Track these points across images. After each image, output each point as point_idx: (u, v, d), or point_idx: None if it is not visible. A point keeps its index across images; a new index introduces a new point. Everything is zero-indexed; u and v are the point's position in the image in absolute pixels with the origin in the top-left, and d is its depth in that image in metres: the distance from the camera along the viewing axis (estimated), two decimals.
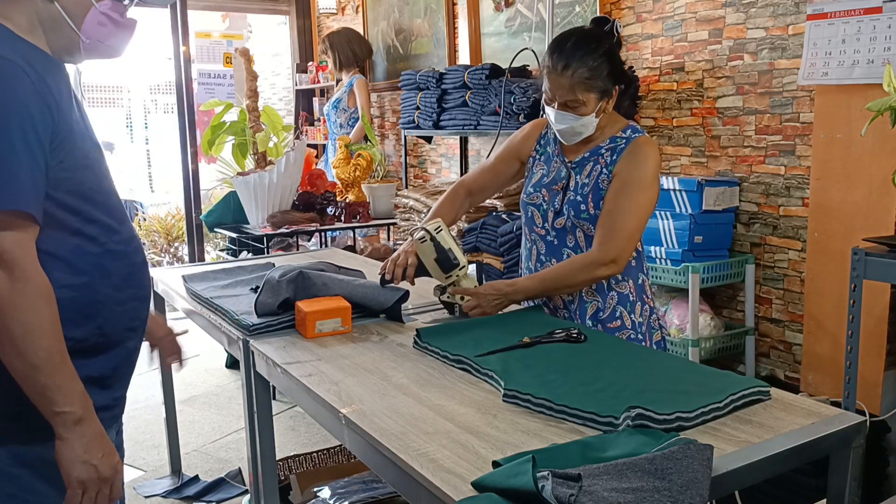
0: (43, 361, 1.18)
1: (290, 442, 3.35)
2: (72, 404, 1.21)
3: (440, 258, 1.84)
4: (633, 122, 1.92)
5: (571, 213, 1.88)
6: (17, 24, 1.27)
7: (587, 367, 1.46)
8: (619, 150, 1.86)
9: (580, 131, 1.86)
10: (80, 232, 1.30)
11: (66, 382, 1.21)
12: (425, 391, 1.43)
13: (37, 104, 1.21)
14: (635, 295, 1.90)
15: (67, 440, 1.22)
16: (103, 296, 1.33)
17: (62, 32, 1.30)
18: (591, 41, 1.81)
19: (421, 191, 3.95)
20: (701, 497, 0.98)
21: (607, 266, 1.82)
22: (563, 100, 1.82)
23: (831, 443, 1.23)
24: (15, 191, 1.16)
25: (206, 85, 5.89)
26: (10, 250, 1.16)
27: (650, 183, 1.84)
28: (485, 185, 2.11)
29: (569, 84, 1.79)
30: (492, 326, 1.74)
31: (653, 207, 1.88)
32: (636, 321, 1.89)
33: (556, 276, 1.86)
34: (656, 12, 3.31)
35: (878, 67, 2.46)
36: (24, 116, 1.18)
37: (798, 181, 2.82)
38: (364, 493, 2.42)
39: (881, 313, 2.48)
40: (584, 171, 1.90)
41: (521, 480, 0.99)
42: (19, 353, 1.17)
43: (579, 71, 1.78)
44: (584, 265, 1.83)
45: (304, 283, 1.91)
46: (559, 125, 1.86)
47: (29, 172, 1.18)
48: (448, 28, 4.66)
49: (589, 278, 1.84)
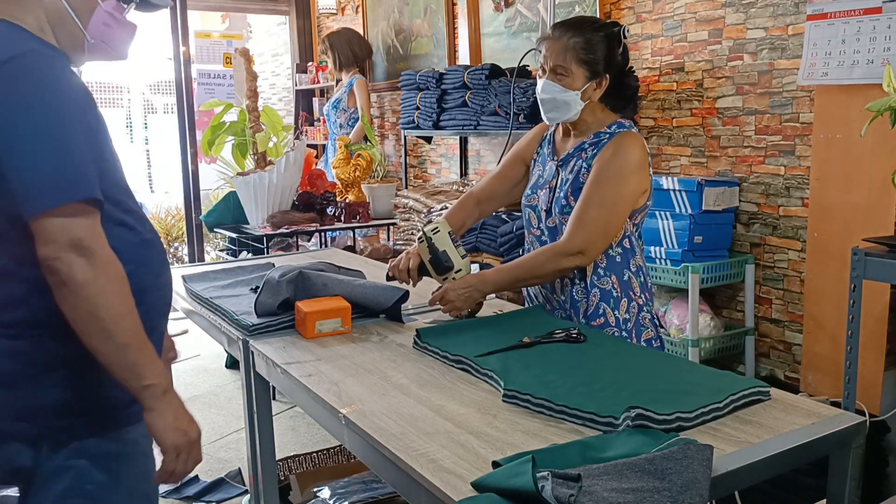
0: (131, 339, 1.24)
1: (290, 442, 3.35)
2: (158, 377, 1.27)
3: (434, 260, 1.85)
4: (620, 119, 1.91)
5: (557, 211, 1.89)
6: (27, 24, 1.29)
7: (587, 367, 1.46)
8: (601, 145, 1.86)
9: (563, 107, 1.85)
10: (122, 222, 1.34)
11: (151, 358, 1.28)
12: (425, 391, 1.43)
13: (82, 94, 1.26)
14: (619, 291, 1.87)
15: (158, 410, 1.28)
16: (145, 283, 1.37)
17: (68, 31, 1.33)
18: (596, 22, 1.89)
19: (421, 191, 3.95)
20: (701, 497, 0.98)
21: (574, 256, 1.80)
22: (554, 64, 1.84)
23: (831, 443, 1.23)
24: (81, 180, 1.20)
25: (206, 85, 5.89)
26: (86, 237, 1.20)
27: (627, 176, 1.81)
28: (493, 192, 2.10)
29: (562, 47, 1.83)
30: (492, 326, 1.74)
31: (632, 201, 1.84)
32: (621, 318, 1.87)
33: (523, 266, 1.86)
34: (656, 12, 3.31)
35: (877, 67, 2.46)
36: (76, 106, 1.23)
37: (798, 181, 2.82)
38: (364, 493, 2.42)
39: (881, 313, 2.48)
40: (568, 168, 1.90)
41: (521, 481, 0.99)
42: (108, 335, 1.22)
43: (575, 38, 1.82)
44: (551, 255, 1.82)
45: (304, 284, 1.91)
46: (543, 94, 1.87)
47: (88, 160, 1.22)
48: (448, 28, 4.66)
49: (555, 268, 1.82)
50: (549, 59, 1.86)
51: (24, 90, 1.20)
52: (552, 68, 1.85)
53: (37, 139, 1.18)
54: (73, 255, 1.18)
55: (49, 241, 1.18)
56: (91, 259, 1.20)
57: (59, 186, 1.18)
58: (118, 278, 1.23)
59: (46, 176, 1.18)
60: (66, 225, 1.18)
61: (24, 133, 1.18)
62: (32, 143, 1.18)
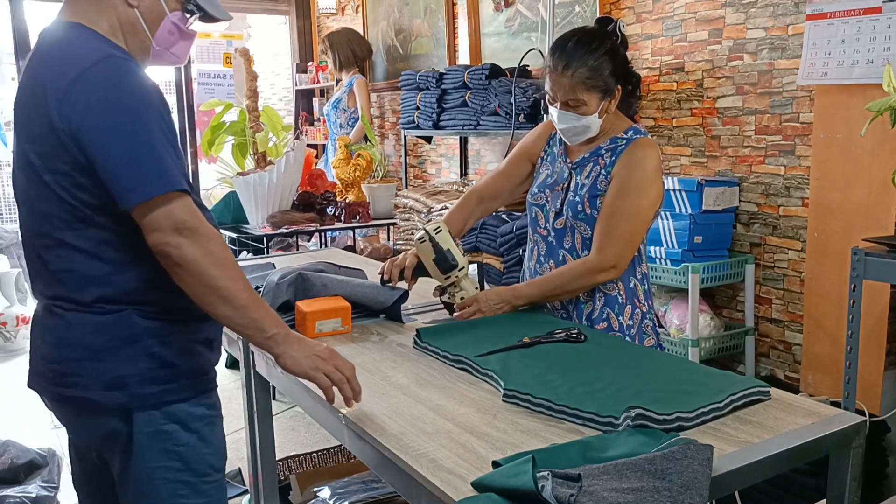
0: (247, 300, 1.34)
1: (290, 442, 3.35)
2: (277, 326, 1.37)
3: (438, 259, 1.84)
4: (636, 124, 1.90)
5: (570, 214, 1.88)
6: (102, 29, 1.38)
7: (587, 367, 1.46)
8: (618, 152, 1.85)
9: (583, 132, 1.85)
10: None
11: (266, 310, 1.38)
12: (425, 391, 1.43)
13: (158, 96, 1.35)
14: (625, 298, 1.88)
15: (285, 352, 1.37)
16: None
17: (137, 38, 1.43)
18: (593, 41, 1.81)
19: (421, 191, 3.95)
20: (701, 497, 0.98)
21: (606, 272, 1.81)
22: (565, 99, 1.81)
23: (831, 443, 1.23)
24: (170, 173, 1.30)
25: (206, 85, 5.89)
26: (186, 219, 1.30)
27: (648, 185, 1.82)
28: (496, 190, 2.08)
29: (569, 84, 1.79)
30: (492, 326, 1.74)
31: (654, 210, 1.86)
32: (624, 324, 1.87)
33: (554, 282, 1.85)
34: (656, 12, 3.31)
35: (877, 67, 2.46)
36: (154, 107, 1.32)
37: (798, 181, 2.82)
38: (364, 493, 2.42)
39: (881, 313, 2.48)
40: (584, 172, 1.89)
41: (521, 480, 0.99)
42: (227, 301, 1.32)
43: (580, 71, 1.78)
44: (584, 271, 1.82)
45: (304, 285, 1.91)
46: (561, 125, 1.85)
47: (171, 158, 1.32)
48: (448, 28, 4.66)
49: (588, 284, 1.84)
50: (558, 93, 1.82)
51: (109, 93, 1.29)
52: (564, 102, 1.82)
53: (124, 137, 1.28)
54: (179, 238, 1.29)
55: (155, 229, 1.28)
56: (196, 237, 1.30)
57: (154, 180, 1.28)
58: (222, 248, 1.34)
59: (141, 170, 1.28)
60: (167, 212, 1.28)
61: (112, 132, 1.28)
62: (121, 141, 1.28)
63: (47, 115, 1.30)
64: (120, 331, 1.37)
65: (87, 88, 1.28)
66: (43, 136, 1.31)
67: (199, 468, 1.46)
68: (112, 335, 1.37)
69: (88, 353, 1.37)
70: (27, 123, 1.36)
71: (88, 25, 1.37)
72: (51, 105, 1.29)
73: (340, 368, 1.36)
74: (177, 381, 1.42)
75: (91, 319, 1.37)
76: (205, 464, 1.46)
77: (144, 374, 1.39)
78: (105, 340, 1.36)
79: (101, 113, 1.28)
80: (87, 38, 1.36)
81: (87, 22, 1.37)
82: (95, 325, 1.37)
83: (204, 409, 1.47)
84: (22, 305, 4.96)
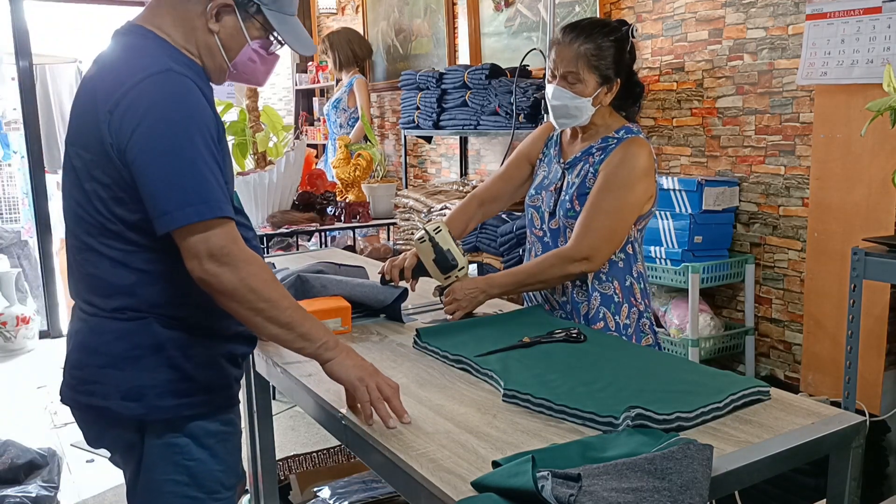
0: (292, 318, 1.33)
1: (290, 442, 3.35)
2: (325, 335, 1.36)
3: (438, 259, 1.84)
4: (629, 124, 1.90)
5: (561, 214, 1.88)
6: (174, 39, 1.37)
7: (587, 367, 1.46)
8: (608, 150, 1.85)
9: (574, 114, 1.84)
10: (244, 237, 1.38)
11: (313, 322, 1.37)
12: (425, 391, 1.43)
13: (210, 116, 1.33)
14: (621, 297, 1.87)
15: (334, 359, 1.36)
16: None
17: (214, 60, 1.42)
18: (606, 26, 1.84)
19: (421, 191, 3.96)
20: (701, 497, 0.98)
21: (579, 262, 1.80)
22: (565, 70, 1.81)
23: (831, 443, 1.22)
24: (211, 200, 1.26)
25: None
26: (224, 245, 1.27)
27: (635, 182, 1.81)
28: (497, 192, 2.08)
29: (573, 55, 1.80)
30: (492, 326, 1.74)
31: (639, 209, 1.84)
32: (621, 323, 1.87)
33: (528, 271, 1.85)
34: (656, 12, 3.31)
35: (877, 67, 2.46)
36: (204, 129, 1.29)
37: (798, 181, 2.82)
38: (364, 493, 2.42)
39: (881, 313, 2.48)
40: (575, 171, 1.89)
41: (521, 480, 0.99)
42: (273, 321, 1.32)
43: (586, 45, 1.79)
44: (557, 261, 1.82)
45: (304, 287, 1.91)
46: (554, 101, 1.84)
47: (216, 180, 1.29)
48: (448, 28, 4.66)
49: (561, 274, 1.82)
50: (559, 64, 1.83)
51: (157, 108, 1.26)
52: (563, 75, 1.82)
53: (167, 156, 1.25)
54: (215, 266, 1.26)
55: (193, 256, 1.27)
56: (233, 265, 1.27)
57: (195, 204, 1.25)
58: (261, 269, 1.31)
59: (181, 193, 1.25)
60: (204, 239, 1.26)
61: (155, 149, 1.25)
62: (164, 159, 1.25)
63: (97, 125, 1.28)
64: (142, 339, 1.36)
65: (136, 103, 1.26)
66: (90, 144, 1.30)
67: (207, 485, 1.44)
68: (134, 343, 1.36)
69: (109, 360, 1.36)
70: (78, 126, 1.35)
71: (158, 33, 1.35)
72: (101, 116, 1.28)
73: (381, 387, 1.32)
74: (195, 395, 1.41)
75: (113, 326, 1.36)
76: (214, 481, 1.45)
77: (164, 386, 1.38)
78: (127, 348, 1.36)
79: (148, 129, 1.25)
80: (151, 49, 1.33)
81: (158, 28, 1.36)
82: (117, 333, 1.36)
83: (219, 424, 1.46)
84: (22, 305, 4.97)
